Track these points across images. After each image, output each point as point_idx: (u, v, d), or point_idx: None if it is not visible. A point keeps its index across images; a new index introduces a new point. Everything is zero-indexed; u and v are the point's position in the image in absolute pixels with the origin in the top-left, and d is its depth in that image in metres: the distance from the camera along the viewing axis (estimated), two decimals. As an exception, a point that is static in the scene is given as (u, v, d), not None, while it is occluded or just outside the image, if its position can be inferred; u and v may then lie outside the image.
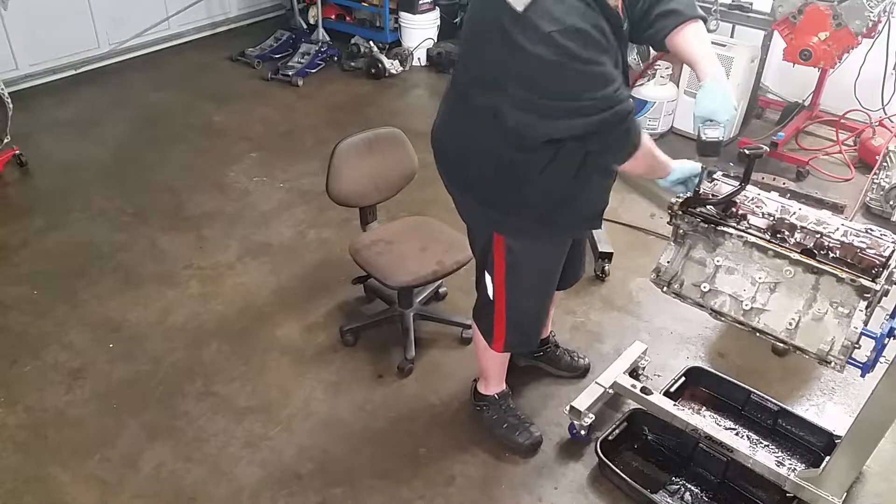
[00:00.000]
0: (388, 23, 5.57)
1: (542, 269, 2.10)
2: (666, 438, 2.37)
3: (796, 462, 2.32)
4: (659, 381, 2.65)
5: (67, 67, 5.02)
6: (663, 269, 2.02)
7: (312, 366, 2.73)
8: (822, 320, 1.79)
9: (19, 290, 3.06)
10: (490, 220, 2.00)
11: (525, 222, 1.94)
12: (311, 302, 3.03)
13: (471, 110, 1.82)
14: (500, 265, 2.04)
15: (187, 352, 2.78)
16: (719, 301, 1.93)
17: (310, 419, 2.51)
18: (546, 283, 2.16)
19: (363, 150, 2.69)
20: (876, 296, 1.74)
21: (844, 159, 4.28)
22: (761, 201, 1.96)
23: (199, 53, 5.64)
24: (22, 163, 3.90)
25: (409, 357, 2.69)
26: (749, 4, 4.15)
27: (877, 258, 1.74)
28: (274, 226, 3.56)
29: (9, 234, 3.41)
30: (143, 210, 3.64)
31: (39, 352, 2.75)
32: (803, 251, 1.82)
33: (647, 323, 2.98)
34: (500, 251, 2.01)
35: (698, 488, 2.27)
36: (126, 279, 3.15)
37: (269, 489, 2.26)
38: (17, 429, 2.44)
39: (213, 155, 4.18)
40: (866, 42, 3.88)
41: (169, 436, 2.43)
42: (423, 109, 5.09)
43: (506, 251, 2.00)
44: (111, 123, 4.49)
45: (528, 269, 2.06)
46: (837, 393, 2.69)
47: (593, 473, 2.33)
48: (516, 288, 2.09)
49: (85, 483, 2.26)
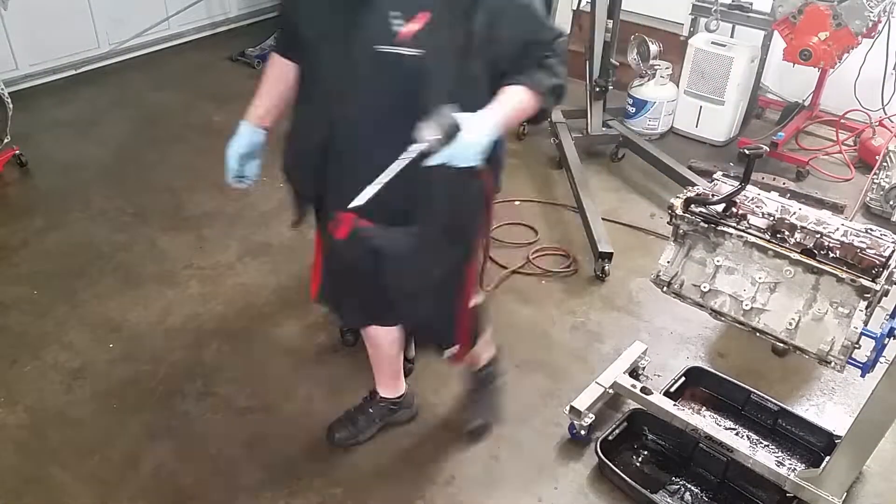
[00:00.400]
0: (388, 23, 5.55)
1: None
2: (666, 438, 2.37)
3: (796, 462, 2.32)
4: (659, 381, 2.65)
5: (67, 67, 5.01)
6: (663, 269, 2.02)
7: (312, 366, 2.73)
8: (822, 320, 1.79)
9: (19, 290, 3.06)
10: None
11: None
12: (311, 302, 3.02)
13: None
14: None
15: (187, 352, 2.77)
16: (719, 301, 1.93)
17: (310, 419, 2.51)
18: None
19: None
20: (876, 296, 1.74)
21: (844, 159, 4.28)
22: (761, 201, 1.96)
23: (199, 53, 5.63)
24: (22, 163, 3.89)
25: (409, 357, 2.68)
26: (749, 4, 4.14)
27: (877, 258, 1.74)
28: (274, 226, 3.55)
29: (9, 234, 3.41)
30: (143, 210, 3.63)
31: (39, 352, 2.75)
32: (803, 251, 1.82)
33: (647, 323, 2.98)
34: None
35: (698, 488, 2.27)
36: (126, 279, 3.15)
37: (269, 489, 2.26)
38: (17, 429, 2.44)
39: (213, 155, 4.13)
40: (866, 42, 3.88)
41: (169, 436, 2.42)
42: (423, 109, 5.10)
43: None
44: (111, 123, 4.49)
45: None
46: (837, 393, 2.69)
47: (593, 473, 2.33)
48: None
49: (85, 483, 2.26)
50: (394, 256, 1.80)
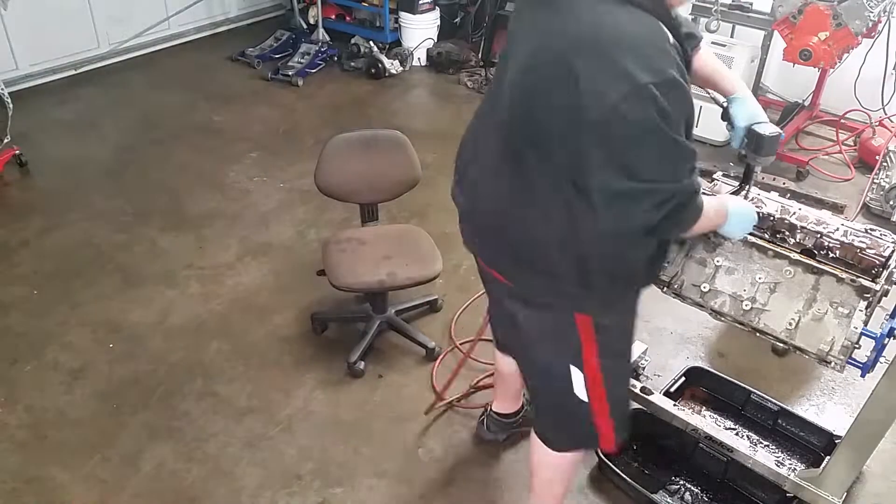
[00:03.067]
0: (388, 23, 5.57)
1: (630, 339, 1.78)
2: (666, 438, 2.37)
3: (796, 462, 2.32)
4: (659, 381, 2.65)
5: (67, 67, 5.01)
6: (663, 270, 2.02)
7: (312, 365, 2.73)
8: (822, 320, 1.78)
9: (19, 290, 3.06)
10: (568, 301, 1.60)
11: (606, 297, 1.61)
12: (311, 302, 3.03)
13: (527, 188, 1.50)
14: (591, 351, 1.65)
15: (187, 352, 2.78)
16: (719, 301, 1.93)
17: (310, 419, 2.51)
18: (631, 354, 1.85)
19: (357, 147, 2.73)
20: (876, 296, 1.74)
21: (844, 159, 4.28)
22: (761, 201, 1.95)
23: (199, 53, 5.63)
24: (22, 163, 3.90)
25: (352, 361, 2.65)
26: (749, 4, 4.15)
27: (877, 258, 1.74)
28: (274, 226, 3.56)
29: (9, 234, 3.41)
30: (143, 210, 3.63)
31: (39, 352, 2.75)
32: (803, 251, 1.82)
33: (647, 323, 2.98)
34: (588, 334, 1.63)
35: (698, 488, 2.27)
36: (126, 279, 3.15)
37: (269, 489, 2.26)
38: (17, 429, 2.44)
39: (213, 155, 4.18)
40: (866, 42, 3.89)
41: (169, 436, 2.43)
42: (423, 109, 5.10)
43: (596, 332, 1.63)
44: (111, 123, 4.49)
45: (622, 343, 1.75)
46: (837, 393, 2.69)
47: (593, 473, 2.33)
48: (614, 371, 1.72)
49: (85, 483, 2.26)
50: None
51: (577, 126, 1.30)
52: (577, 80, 1.27)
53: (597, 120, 1.27)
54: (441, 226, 3.34)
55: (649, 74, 1.23)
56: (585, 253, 1.50)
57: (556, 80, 1.31)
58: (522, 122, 1.44)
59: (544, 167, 1.44)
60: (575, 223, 1.46)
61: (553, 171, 1.43)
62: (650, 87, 1.22)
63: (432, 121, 4.77)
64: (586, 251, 1.50)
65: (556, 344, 1.69)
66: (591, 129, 1.29)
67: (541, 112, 1.38)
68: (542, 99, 1.37)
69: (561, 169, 1.41)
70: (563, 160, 1.39)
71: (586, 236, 1.47)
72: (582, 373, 1.68)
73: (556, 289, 1.58)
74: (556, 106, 1.34)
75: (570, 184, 1.41)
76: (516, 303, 1.70)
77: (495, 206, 1.61)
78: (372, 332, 2.75)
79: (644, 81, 1.22)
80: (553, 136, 1.38)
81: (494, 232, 1.64)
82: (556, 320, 1.65)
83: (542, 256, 1.55)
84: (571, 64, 1.28)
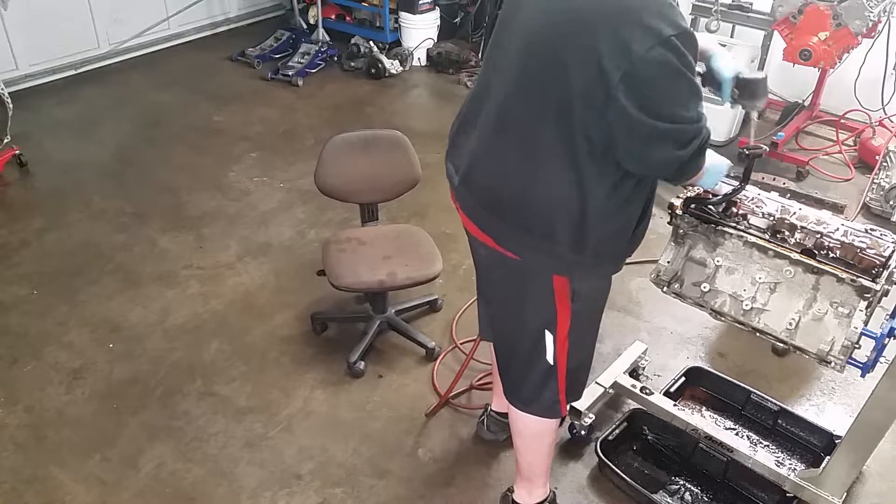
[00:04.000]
0: (388, 23, 5.57)
1: (600, 308, 1.85)
2: (666, 438, 2.37)
3: (796, 462, 2.32)
4: (659, 381, 2.65)
5: (67, 67, 5.01)
6: (663, 269, 2.02)
7: (312, 365, 2.73)
8: (822, 320, 1.79)
9: (19, 290, 3.06)
10: (552, 263, 1.66)
11: (592, 260, 1.66)
12: (311, 302, 3.03)
13: (534, 151, 1.57)
14: (564, 316, 1.73)
15: (187, 352, 2.78)
16: (719, 301, 1.93)
17: (310, 419, 2.51)
18: (599, 324, 1.91)
19: (357, 147, 2.73)
20: (876, 296, 1.74)
21: (844, 159, 4.28)
22: (761, 201, 1.96)
23: (199, 53, 5.63)
24: (22, 163, 3.90)
25: (352, 361, 2.65)
26: (749, 4, 4.15)
27: (877, 258, 1.74)
28: (274, 226, 3.56)
29: (9, 234, 3.41)
30: (143, 210, 3.63)
31: (39, 352, 2.75)
32: (803, 251, 1.82)
33: (647, 323, 2.98)
34: (563, 299, 1.70)
35: (698, 488, 2.27)
36: (126, 279, 3.15)
37: (269, 489, 2.26)
38: (17, 429, 2.44)
39: (213, 155, 4.18)
40: (866, 42, 3.88)
41: (169, 436, 2.43)
42: (423, 109, 5.10)
43: (571, 297, 1.70)
44: (111, 123, 4.49)
45: (592, 312, 1.82)
46: (837, 393, 2.69)
47: (593, 473, 2.33)
48: (580, 338, 1.81)
49: (85, 483, 2.26)
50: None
51: (606, 78, 1.40)
52: (610, 34, 1.39)
53: (628, 71, 1.39)
54: (441, 226, 3.34)
55: (671, 28, 1.38)
56: (586, 214, 1.57)
57: (583, 40, 1.42)
58: (541, 81, 1.51)
59: (563, 123, 1.49)
60: (582, 183, 1.54)
61: (568, 129, 1.49)
62: (673, 39, 1.38)
63: (432, 121, 4.77)
64: (587, 212, 1.57)
65: (533, 313, 1.76)
66: (625, 79, 1.40)
67: (567, 70, 1.45)
68: (570, 56, 1.45)
69: (578, 125, 1.48)
70: (583, 116, 1.47)
71: (591, 197, 1.55)
72: (554, 336, 1.76)
73: (545, 249, 1.63)
74: (584, 61, 1.43)
75: (585, 140, 1.49)
76: (501, 267, 1.75)
77: (493, 168, 1.66)
78: (372, 332, 2.75)
79: (668, 34, 1.37)
80: (576, 92, 1.45)
81: (491, 193, 1.68)
82: (534, 282, 1.71)
83: (540, 218, 1.61)
84: (597, 25, 1.41)
